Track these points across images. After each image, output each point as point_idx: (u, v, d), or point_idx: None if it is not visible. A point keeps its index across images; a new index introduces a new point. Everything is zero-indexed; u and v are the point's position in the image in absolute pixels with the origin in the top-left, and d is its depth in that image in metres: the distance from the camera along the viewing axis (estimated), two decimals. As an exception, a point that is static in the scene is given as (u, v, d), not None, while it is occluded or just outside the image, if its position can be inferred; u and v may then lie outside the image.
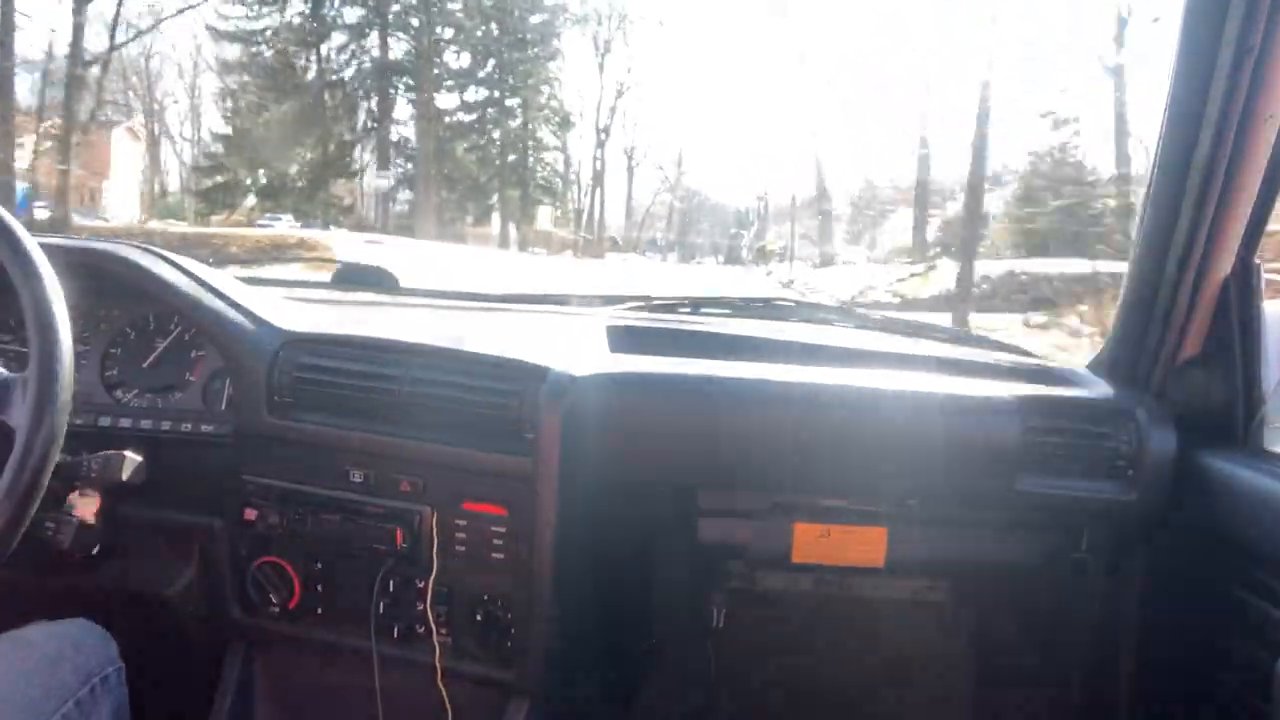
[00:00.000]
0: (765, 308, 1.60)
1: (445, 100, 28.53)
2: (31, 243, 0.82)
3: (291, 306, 1.29)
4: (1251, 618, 1.01)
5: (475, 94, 28.93)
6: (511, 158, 29.69)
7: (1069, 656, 1.32)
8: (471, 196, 28.86)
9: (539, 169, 30.04)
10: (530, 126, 29.52)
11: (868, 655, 1.52)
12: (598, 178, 31.44)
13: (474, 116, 29.16)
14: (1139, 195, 1.16)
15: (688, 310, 1.52)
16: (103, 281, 1.16)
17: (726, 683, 1.54)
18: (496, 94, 28.61)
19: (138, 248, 1.19)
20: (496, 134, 28.80)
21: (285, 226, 21.14)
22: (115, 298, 1.21)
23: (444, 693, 1.10)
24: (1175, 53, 1.04)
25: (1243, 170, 1.02)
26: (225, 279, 1.23)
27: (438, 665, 1.10)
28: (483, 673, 1.12)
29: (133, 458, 1.06)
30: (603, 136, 30.57)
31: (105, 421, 1.14)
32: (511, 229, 28.03)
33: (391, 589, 1.12)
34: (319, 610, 1.15)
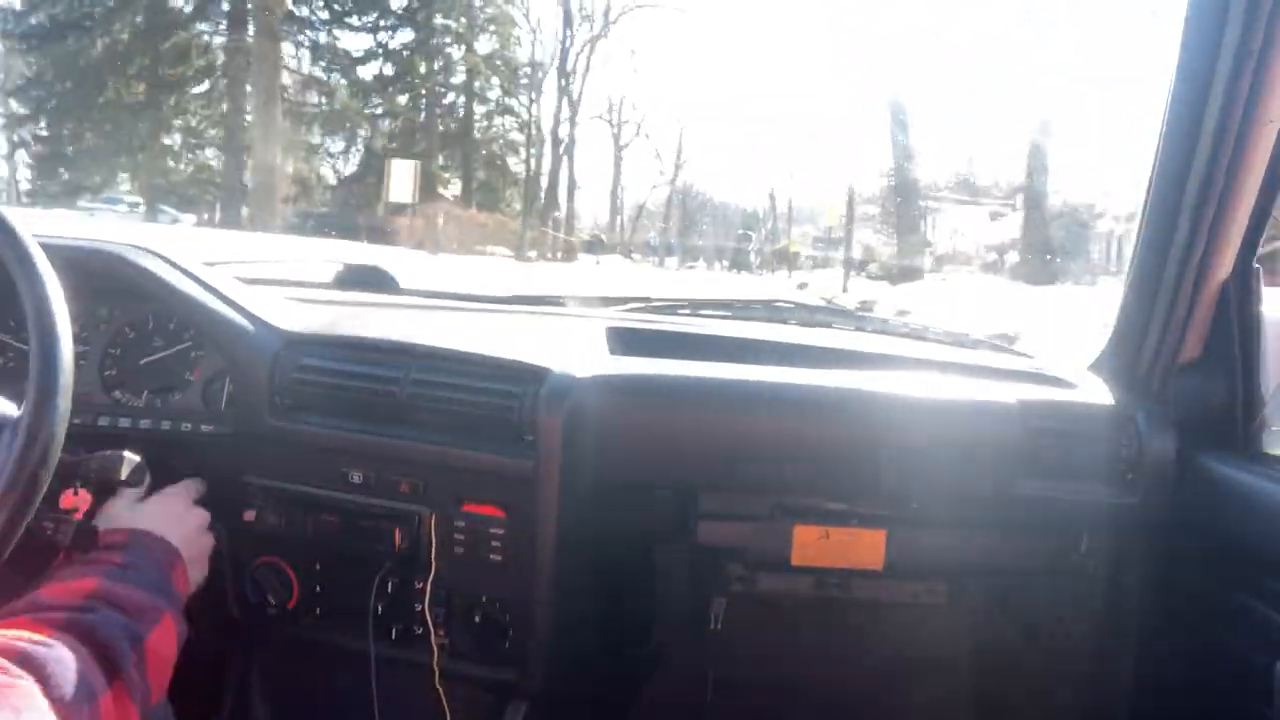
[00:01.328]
0: (765, 309, 1.60)
1: (352, 41, 20.26)
2: (33, 243, 0.81)
3: (292, 307, 1.29)
4: (1251, 620, 1.01)
5: (393, 36, 20.63)
6: (452, 125, 21.53)
7: (1069, 659, 1.32)
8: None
9: (489, 140, 22.20)
10: (477, 84, 21.71)
11: (867, 658, 1.52)
12: (560, 146, 22.35)
13: (397, 68, 20.92)
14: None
15: (688, 312, 1.52)
16: (103, 281, 1.16)
17: (726, 685, 1.53)
18: (425, 36, 20.62)
19: (138, 248, 1.19)
20: (424, 90, 21.01)
21: (107, 214, 15.80)
22: (115, 297, 1.21)
23: (442, 694, 1.10)
24: (1176, 55, 1.04)
25: (1243, 174, 1.02)
26: (226, 279, 1.23)
27: (436, 666, 1.10)
28: (481, 674, 1.12)
29: (131, 458, 1.05)
30: (565, 84, 21.86)
31: (104, 421, 1.14)
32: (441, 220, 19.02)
33: (390, 590, 1.12)
34: (318, 611, 1.15)
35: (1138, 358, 1.19)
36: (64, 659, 0.69)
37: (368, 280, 1.56)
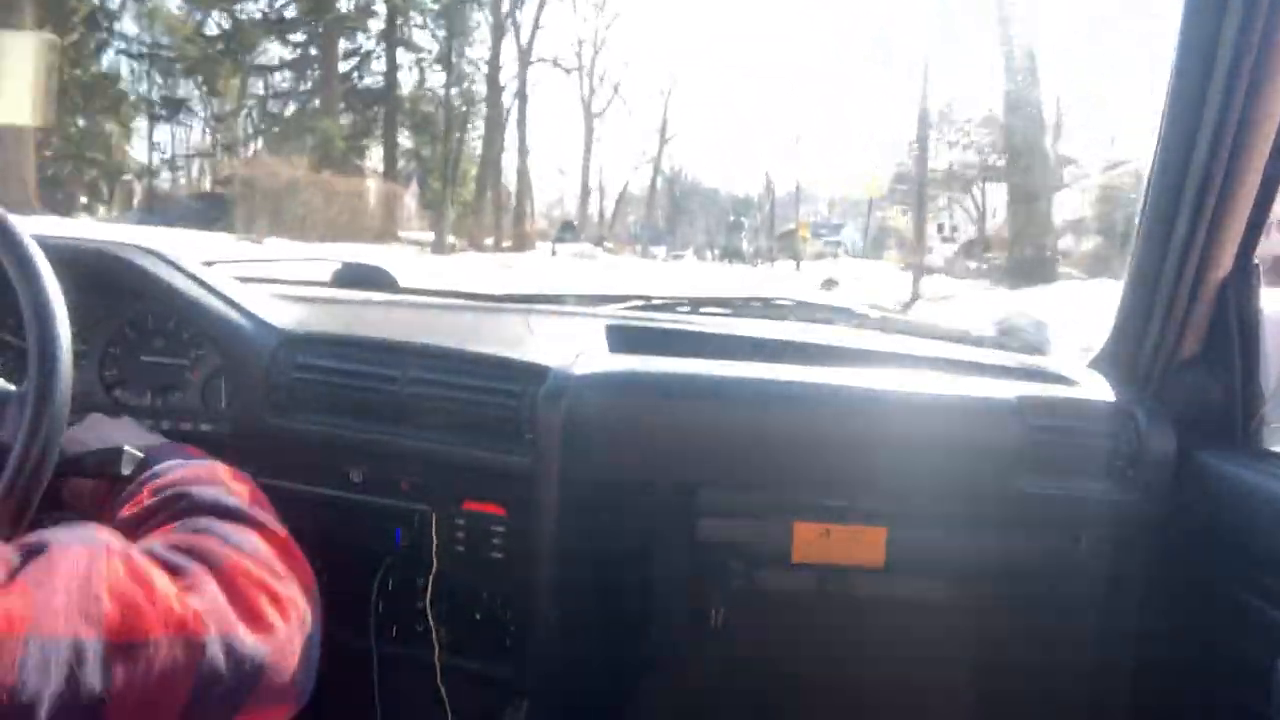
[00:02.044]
0: (764, 307, 1.60)
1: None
2: (30, 242, 0.81)
3: (290, 306, 1.29)
4: (1251, 617, 1.01)
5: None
6: (362, 79, 15.94)
7: (1069, 656, 1.32)
8: (282, 145, 15.10)
9: (417, 98, 16.84)
10: (400, 25, 16.18)
11: (867, 655, 1.52)
12: (501, 96, 17.11)
13: (300, 5, 15.50)
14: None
15: (686, 310, 1.52)
16: (102, 281, 1.16)
17: (725, 682, 1.53)
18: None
19: (136, 247, 1.19)
20: (331, 33, 15.35)
21: None
22: (114, 297, 1.21)
23: (443, 691, 1.10)
24: (1174, 50, 1.04)
25: (1242, 169, 1.02)
26: (224, 278, 1.23)
27: (437, 664, 1.10)
28: (482, 671, 1.13)
29: (131, 453, 1.05)
30: (506, 14, 16.75)
31: None
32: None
33: (391, 588, 1.12)
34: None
35: (1138, 354, 1.19)
36: (202, 527, 0.72)
37: (366, 279, 1.56)
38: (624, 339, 1.31)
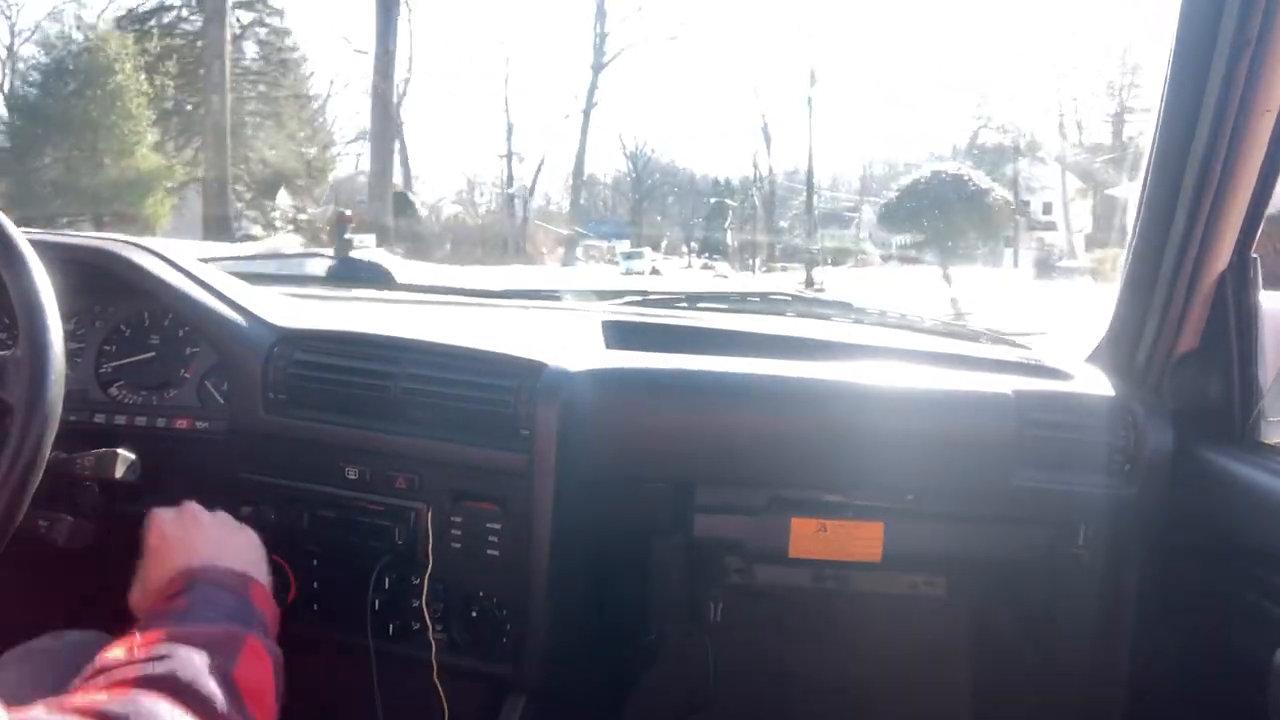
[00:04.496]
0: (761, 302, 1.60)
1: None
2: (21, 238, 0.81)
3: (286, 303, 1.28)
4: (1248, 611, 1.01)
5: None
6: None
7: (1067, 651, 1.32)
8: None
9: None
10: None
11: (865, 650, 1.52)
12: None
13: None
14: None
15: (684, 305, 1.51)
16: (97, 278, 1.16)
17: (724, 677, 1.54)
18: None
19: (131, 244, 1.19)
20: None
21: None
22: (109, 294, 1.21)
23: (440, 688, 1.10)
24: (1172, 44, 1.04)
25: (1240, 163, 1.02)
26: (220, 275, 1.22)
27: (434, 661, 1.10)
28: (479, 668, 1.12)
29: (126, 455, 1.05)
30: None
31: (100, 419, 1.14)
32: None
33: (387, 585, 1.11)
34: (315, 607, 1.15)
35: (1135, 349, 1.19)
36: (146, 711, 0.61)
37: (362, 275, 1.55)
38: (621, 334, 1.30)
